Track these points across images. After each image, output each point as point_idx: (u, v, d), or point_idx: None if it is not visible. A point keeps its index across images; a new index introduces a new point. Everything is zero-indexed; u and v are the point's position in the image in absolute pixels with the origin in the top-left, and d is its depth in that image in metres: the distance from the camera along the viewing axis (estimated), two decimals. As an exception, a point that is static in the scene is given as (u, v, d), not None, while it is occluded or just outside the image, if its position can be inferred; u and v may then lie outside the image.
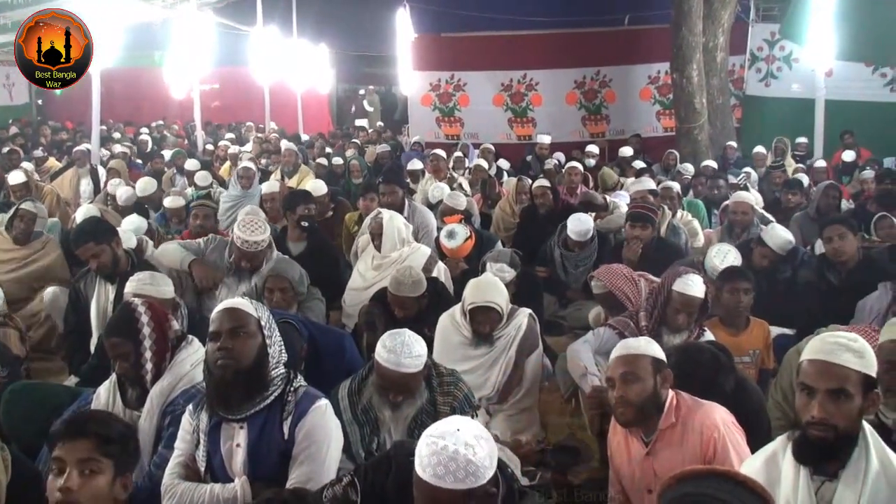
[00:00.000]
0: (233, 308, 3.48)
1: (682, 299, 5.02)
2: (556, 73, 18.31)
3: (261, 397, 3.46)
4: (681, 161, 13.37)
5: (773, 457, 3.07)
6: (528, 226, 9.07)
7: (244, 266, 6.27)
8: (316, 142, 18.02)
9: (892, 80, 15.93)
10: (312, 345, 4.89)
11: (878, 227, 7.87)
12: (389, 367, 3.97)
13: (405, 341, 4.00)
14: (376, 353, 4.04)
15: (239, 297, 3.63)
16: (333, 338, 5.24)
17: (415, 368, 4.02)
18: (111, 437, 2.90)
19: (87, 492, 2.81)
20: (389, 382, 4.05)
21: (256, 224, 6.29)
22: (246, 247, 6.15)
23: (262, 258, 6.29)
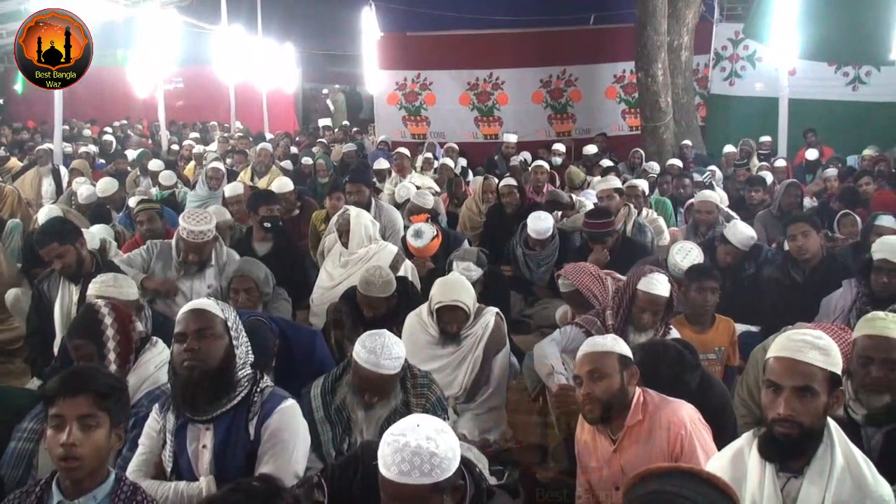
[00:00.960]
0: (199, 309, 3.45)
1: (647, 298, 5.03)
2: (522, 72, 18.32)
3: (227, 398, 3.44)
4: (646, 159, 13.44)
5: (739, 454, 3.08)
6: (494, 224, 9.08)
7: (191, 259, 6.25)
8: (281, 141, 17.93)
9: (854, 79, 16.09)
10: (284, 342, 4.88)
11: (841, 225, 7.96)
12: (368, 368, 3.96)
13: (385, 343, 3.99)
14: (355, 353, 4.02)
15: (204, 298, 3.58)
16: (305, 335, 5.22)
17: (393, 370, 4.01)
18: (107, 391, 2.98)
19: (88, 445, 2.91)
20: (367, 383, 4.03)
21: (201, 215, 6.31)
22: (192, 237, 6.15)
23: (208, 250, 6.29)
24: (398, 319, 5.57)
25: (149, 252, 6.47)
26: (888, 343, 3.62)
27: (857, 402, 3.70)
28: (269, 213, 7.56)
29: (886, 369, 3.60)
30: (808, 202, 10.02)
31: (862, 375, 3.66)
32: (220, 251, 6.48)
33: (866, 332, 3.70)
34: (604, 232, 7.21)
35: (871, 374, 3.63)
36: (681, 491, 2.34)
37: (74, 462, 2.89)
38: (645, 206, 9.03)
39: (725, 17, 17.29)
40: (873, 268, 5.27)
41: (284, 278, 6.41)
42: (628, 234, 7.80)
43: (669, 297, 5.08)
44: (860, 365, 3.68)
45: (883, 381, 3.61)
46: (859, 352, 3.70)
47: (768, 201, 9.57)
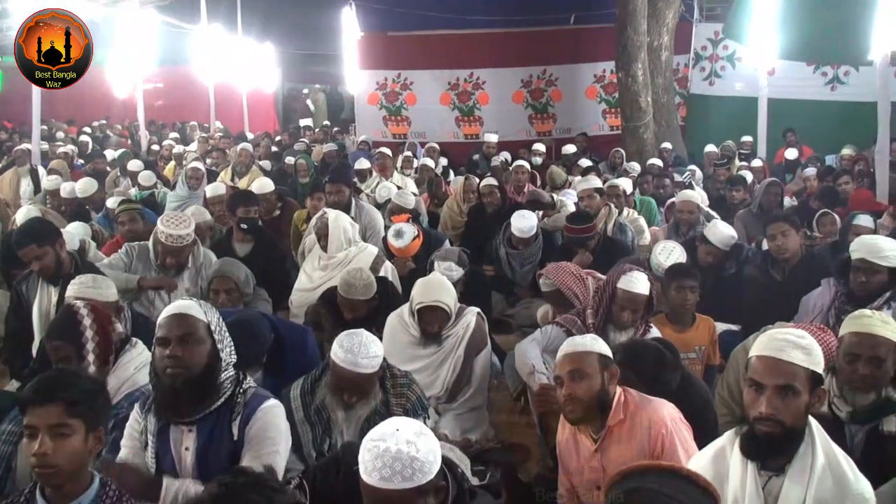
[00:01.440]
0: (182, 314, 3.42)
1: (626, 297, 5.04)
2: (502, 71, 18.33)
3: (210, 401, 3.43)
4: (627, 159, 13.48)
5: (720, 452, 3.10)
6: (475, 224, 9.08)
7: (169, 263, 6.23)
8: (262, 141, 17.88)
9: (832, 79, 16.18)
10: (276, 339, 4.86)
11: (820, 224, 8.00)
12: (346, 367, 3.94)
13: (362, 341, 3.98)
14: (332, 352, 4.01)
15: (186, 299, 3.55)
16: (297, 333, 5.21)
17: (371, 369, 4.00)
18: (78, 398, 2.93)
19: (61, 454, 2.86)
20: (345, 382, 4.02)
21: (180, 219, 6.28)
22: (170, 241, 6.12)
23: (186, 254, 6.26)
24: (379, 320, 5.55)
25: (128, 255, 6.42)
26: (874, 340, 3.65)
27: (842, 400, 3.74)
28: (246, 215, 7.52)
29: (873, 367, 3.64)
30: (787, 201, 10.07)
31: (848, 372, 3.69)
32: (197, 253, 6.45)
33: (853, 330, 3.73)
34: (585, 237, 7.22)
35: (857, 372, 3.66)
36: (662, 489, 2.34)
37: (49, 470, 2.86)
38: (628, 206, 9.07)
39: (705, 18, 17.37)
40: (852, 267, 5.29)
41: (265, 279, 6.39)
42: (609, 234, 7.81)
43: (649, 296, 5.10)
44: (847, 362, 3.70)
45: (869, 379, 3.65)
46: (846, 349, 3.72)
47: (749, 200, 9.61)
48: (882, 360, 3.64)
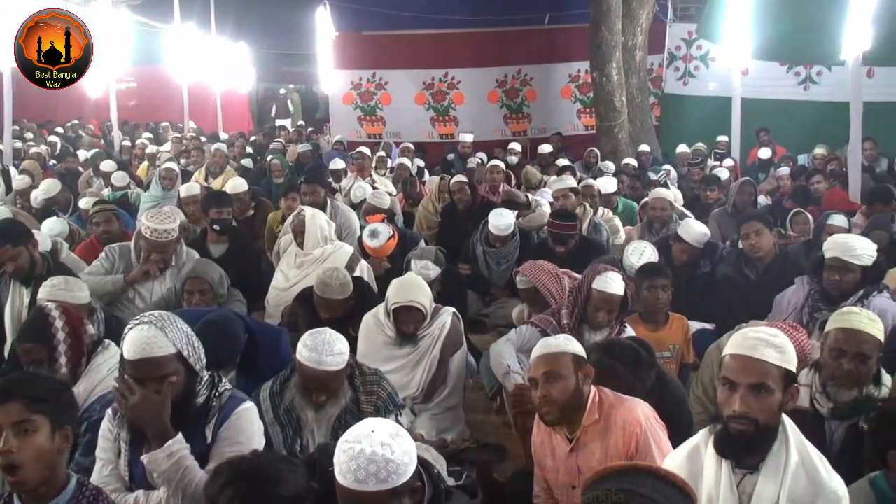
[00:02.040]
0: (147, 359, 3.30)
1: (601, 297, 5.05)
2: (477, 71, 18.35)
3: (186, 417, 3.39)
4: (602, 159, 13.51)
5: (695, 451, 3.11)
6: (449, 223, 9.10)
7: (154, 260, 6.18)
8: (236, 141, 17.80)
9: (805, 79, 16.29)
10: (250, 339, 4.82)
11: (793, 223, 8.06)
12: (311, 366, 3.91)
13: (326, 339, 3.94)
14: (297, 352, 3.98)
15: (149, 330, 3.36)
16: (271, 333, 5.16)
17: (336, 367, 3.96)
18: (39, 395, 2.89)
19: (26, 451, 2.82)
20: (312, 382, 3.99)
21: (165, 214, 6.24)
22: (155, 236, 6.06)
23: (171, 250, 6.21)
24: (354, 320, 5.54)
25: (109, 258, 6.35)
26: (860, 337, 3.71)
27: (824, 396, 3.79)
28: (218, 216, 7.48)
29: (857, 363, 3.71)
30: (762, 200, 10.13)
31: (833, 368, 3.75)
32: (179, 251, 6.41)
33: (840, 326, 3.79)
34: (568, 234, 7.22)
35: (842, 367, 3.72)
36: (638, 489, 2.34)
37: (15, 469, 2.81)
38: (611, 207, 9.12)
39: (679, 18, 17.46)
40: (825, 266, 5.32)
41: (239, 279, 6.35)
42: (584, 234, 7.83)
43: (624, 296, 5.11)
44: (832, 357, 3.76)
45: (853, 375, 3.72)
46: (832, 344, 3.78)
47: (723, 200, 9.66)
48: (867, 357, 3.71)
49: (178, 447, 3.29)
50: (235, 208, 8.36)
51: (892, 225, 7.38)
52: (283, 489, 2.36)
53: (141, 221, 6.26)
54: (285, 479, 2.40)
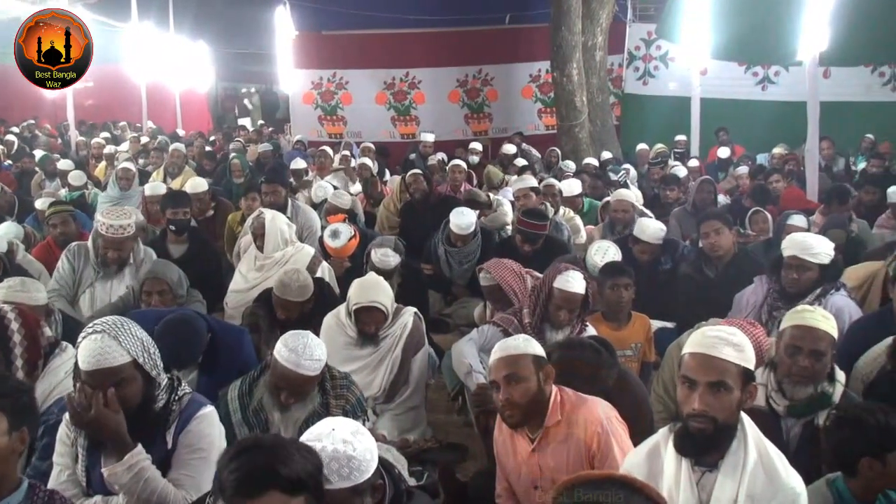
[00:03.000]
0: (102, 369, 3.23)
1: (562, 296, 5.06)
2: (438, 71, 18.39)
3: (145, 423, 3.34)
4: (562, 158, 13.56)
5: (655, 449, 3.12)
6: (410, 222, 9.08)
7: (111, 257, 6.12)
8: (195, 141, 17.66)
9: (763, 79, 16.48)
10: (212, 338, 4.78)
11: (752, 222, 8.12)
12: (288, 367, 3.89)
13: (307, 343, 3.92)
14: (276, 350, 3.94)
15: (102, 339, 3.27)
16: (232, 333, 5.12)
17: (312, 372, 3.94)
18: None
19: None
20: (284, 382, 3.96)
21: (121, 210, 6.20)
22: (111, 232, 6.02)
23: (128, 247, 6.16)
24: (315, 321, 5.51)
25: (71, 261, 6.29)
26: (816, 334, 3.74)
27: (780, 394, 3.82)
28: (174, 216, 7.42)
29: (813, 360, 3.73)
30: (721, 199, 10.20)
31: (788, 365, 3.78)
32: (137, 249, 6.35)
33: (795, 323, 3.82)
34: (538, 233, 7.22)
35: (798, 364, 3.75)
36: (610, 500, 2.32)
37: None
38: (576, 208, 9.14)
39: (638, 18, 17.59)
40: (783, 264, 5.37)
41: (199, 280, 6.29)
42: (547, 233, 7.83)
43: (585, 295, 5.12)
44: (788, 355, 3.79)
45: (808, 371, 3.74)
46: (787, 341, 3.81)
47: (683, 199, 9.72)
48: (822, 354, 3.74)
49: (137, 459, 3.25)
50: (195, 208, 8.31)
51: (848, 224, 7.46)
52: (286, 469, 2.33)
53: (97, 219, 6.19)
54: (292, 459, 2.36)
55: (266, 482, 2.33)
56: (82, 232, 7.51)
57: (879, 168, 11.71)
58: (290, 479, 2.34)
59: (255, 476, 2.33)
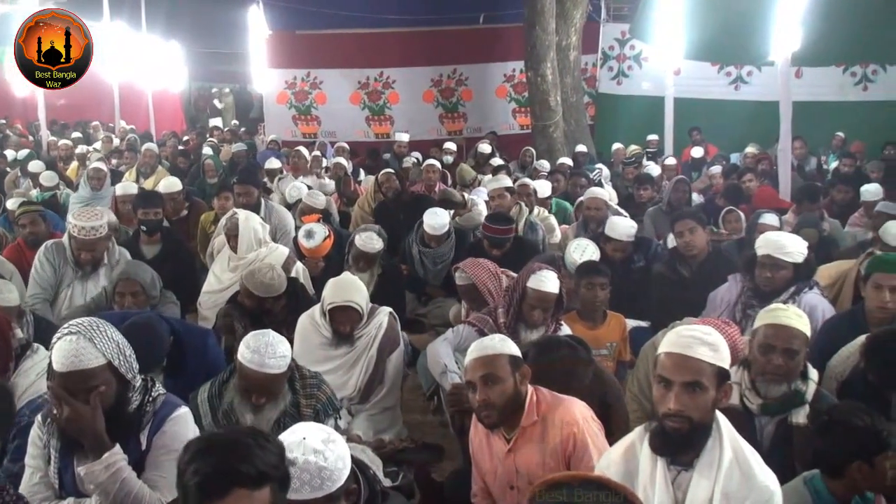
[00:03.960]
0: (77, 371, 3.20)
1: (536, 296, 5.06)
2: (412, 71, 18.37)
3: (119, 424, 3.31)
4: (537, 158, 13.57)
5: (631, 448, 3.12)
6: (383, 220, 9.06)
7: (84, 259, 6.08)
8: (168, 140, 17.56)
9: (736, 79, 16.57)
10: (175, 341, 4.73)
11: (725, 221, 8.17)
12: (253, 368, 3.87)
13: (269, 342, 3.90)
14: (239, 353, 3.93)
15: (78, 341, 3.24)
16: (197, 335, 5.08)
17: (279, 370, 3.93)
18: None
19: None
20: (252, 384, 3.95)
21: (93, 211, 6.18)
22: (83, 234, 5.99)
23: (101, 248, 6.13)
24: (289, 320, 5.49)
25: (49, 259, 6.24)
26: (789, 332, 3.78)
27: (753, 392, 3.84)
28: (145, 217, 7.37)
29: (786, 358, 3.77)
30: (695, 198, 10.25)
31: (763, 363, 3.81)
32: (112, 250, 6.31)
33: (769, 322, 3.85)
34: (504, 237, 7.22)
35: (772, 363, 3.78)
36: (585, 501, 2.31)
37: None
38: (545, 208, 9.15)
39: (612, 18, 17.63)
40: (757, 263, 5.40)
41: (173, 281, 6.24)
42: (520, 233, 7.84)
43: (559, 294, 5.12)
44: (761, 353, 3.82)
45: (782, 369, 3.77)
46: (761, 340, 3.84)
47: (657, 198, 9.75)
48: (795, 353, 3.77)
49: (115, 459, 3.22)
50: (169, 209, 8.26)
51: (820, 223, 7.51)
52: (245, 465, 2.30)
53: (69, 221, 6.15)
54: (251, 453, 2.33)
55: (228, 482, 2.29)
56: (53, 232, 7.43)
57: (851, 167, 11.82)
58: (252, 475, 2.31)
59: (216, 477, 2.29)
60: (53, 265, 6.22)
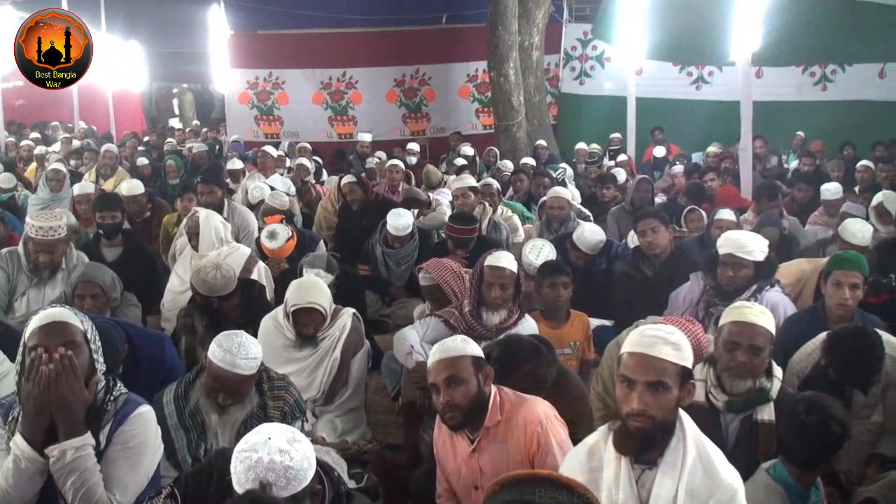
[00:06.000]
0: (59, 321, 3.22)
1: (492, 273, 5.09)
2: (375, 71, 18.33)
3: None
4: (500, 158, 13.60)
5: (595, 447, 3.13)
6: (346, 223, 9.04)
7: (42, 262, 5.98)
8: (128, 141, 17.41)
9: (697, 79, 16.68)
10: (130, 348, 4.67)
11: (688, 220, 8.23)
12: (223, 368, 3.87)
13: (242, 342, 3.91)
14: (210, 352, 3.93)
15: (61, 308, 3.32)
16: (152, 340, 4.99)
17: (248, 371, 3.93)
18: None
19: None
20: (220, 383, 3.94)
21: (51, 212, 6.11)
22: (41, 234, 5.89)
23: (60, 251, 6.03)
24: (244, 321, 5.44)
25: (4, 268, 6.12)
26: (754, 330, 3.81)
27: (719, 389, 3.87)
28: (103, 220, 7.27)
29: (751, 355, 3.80)
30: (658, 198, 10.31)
31: (727, 360, 3.84)
32: (69, 254, 6.22)
33: (734, 319, 3.89)
34: (468, 237, 7.22)
35: (736, 359, 3.81)
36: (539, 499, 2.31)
37: None
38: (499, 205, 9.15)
39: (574, 18, 17.70)
40: (719, 262, 5.44)
41: (135, 283, 6.19)
42: (484, 233, 7.84)
43: (517, 276, 5.15)
44: (726, 350, 3.86)
45: (747, 366, 3.80)
46: (726, 337, 3.87)
47: (620, 198, 9.79)
48: (760, 350, 3.81)
49: (86, 443, 3.17)
50: (132, 210, 8.17)
51: (781, 221, 7.58)
52: None
53: (27, 222, 6.06)
54: None
55: None
56: (12, 234, 7.35)
57: (811, 166, 11.95)
58: None
59: None
60: (7, 273, 6.11)
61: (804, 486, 3.38)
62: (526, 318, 5.25)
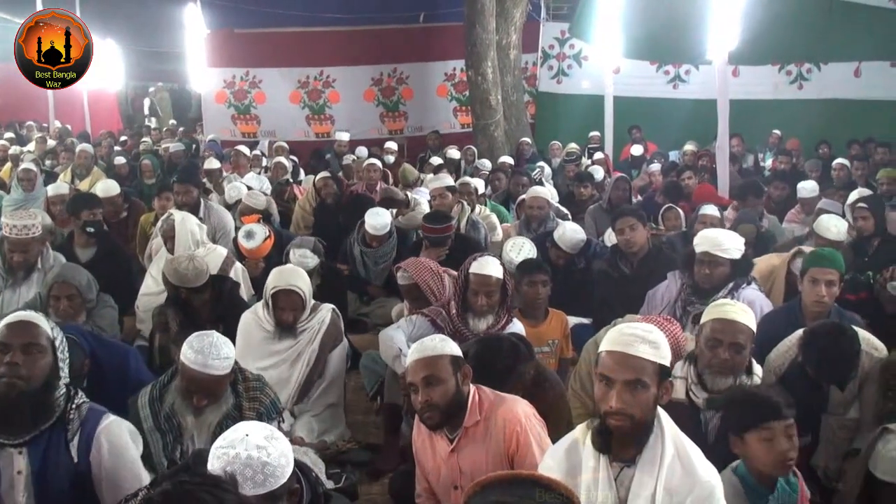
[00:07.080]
0: (26, 321, 3.23)
1: (477, 280, 5.09)
2: (353, 69, 18.26)
3: (43, 420, 3.23)
4: (478, 156, 13.59)
5: (573, 445, 3.13)
6: (324, 222, 9.03)
7: (17, 262, 5.94)
8: (104, 140, 17.30)
9: (674, 78, 16.71)
10: (94, 361, 4.61)
11: (665, 218, 8.25)
12: (195, 369, 3.85)
13: (213, 342, 3.89)
14: (182, 353, 3.90)
15: (29, 312, 3.33)
16: (117, 353, 4.91)
17: (222, 371, 3.91)
18: None
19: None
20: (195, 385, 3.92)
21: (26, 212, 6.09)
22: (15, 233, 5.86)
23: (35, 251, 5.99)
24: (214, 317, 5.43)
25: None
26: (735, 327, 3.86)
27: (700, 387, 3.90)
28: (90, 218, 7.24)
29: (733, 352, 3.86)
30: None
31: (709, 357, 3.89)
32: (45, 255, 6.17)
33: (716, 317, 3.94)
34: (444, 236, 7.22)
35: (718, 356, 3.87)
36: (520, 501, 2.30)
37: None
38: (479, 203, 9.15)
39: (552, 17, 17.70)
40: (696, 260, 5.45)
41: (110, 284, 6.14)
42: (462, 231, 7.85)
43: (504, 281, 5.13)
44: (708, 347, 3.90)
45: (729, 363, 3.86)
46: (708, 335, 3.92)
47: (597, 196, 9.81)
48: (742, 347, 3.86)
49: None
50: (108, 211, 8.13)
51: (759, 219, 7.61)
52: None
53: (2, 222, 6.01)
54: None
55: None
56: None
57: (787, 164, 12.02)
58: None
59: None
60: None
61: (764, 485, 3.39)
62: (513, 321, 5.25)
